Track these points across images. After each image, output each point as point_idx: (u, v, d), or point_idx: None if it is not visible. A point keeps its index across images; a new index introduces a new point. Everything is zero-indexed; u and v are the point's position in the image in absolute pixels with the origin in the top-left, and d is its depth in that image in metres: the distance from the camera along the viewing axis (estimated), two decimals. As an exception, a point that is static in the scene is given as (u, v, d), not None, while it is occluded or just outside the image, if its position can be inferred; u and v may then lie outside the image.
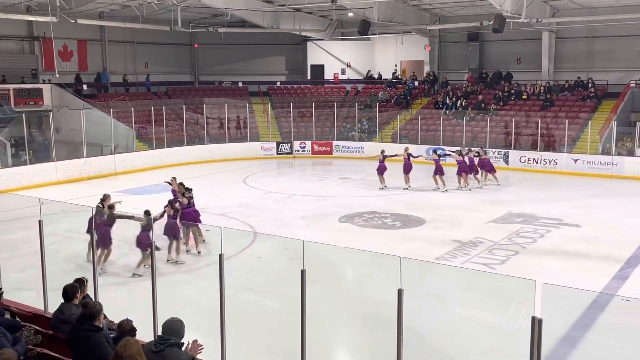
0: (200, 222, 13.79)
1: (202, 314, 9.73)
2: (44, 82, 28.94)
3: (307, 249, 6.42)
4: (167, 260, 12.93)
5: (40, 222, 8.35)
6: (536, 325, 4.98)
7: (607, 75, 29.56)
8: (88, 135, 25.53)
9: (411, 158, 21.90)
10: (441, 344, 9.37)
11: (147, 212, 12.16)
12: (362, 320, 10.27)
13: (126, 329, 5.94)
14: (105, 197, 13.68)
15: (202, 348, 5.67)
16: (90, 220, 10.68)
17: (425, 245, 14.75)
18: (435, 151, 22.50)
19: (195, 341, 5.65)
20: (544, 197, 20.48)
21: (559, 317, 8.70)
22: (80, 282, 6.83)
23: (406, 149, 22.45)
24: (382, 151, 22.35)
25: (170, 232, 13.07)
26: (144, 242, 11.85)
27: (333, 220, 17.10)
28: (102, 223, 12.24)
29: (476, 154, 21.90)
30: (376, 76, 36.66)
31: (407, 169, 21.84)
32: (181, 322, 5.58)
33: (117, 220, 12.34)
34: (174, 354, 5.37)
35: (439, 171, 21.19)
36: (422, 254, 13.70)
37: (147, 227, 11.73)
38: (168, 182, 16.50)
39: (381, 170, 21.99)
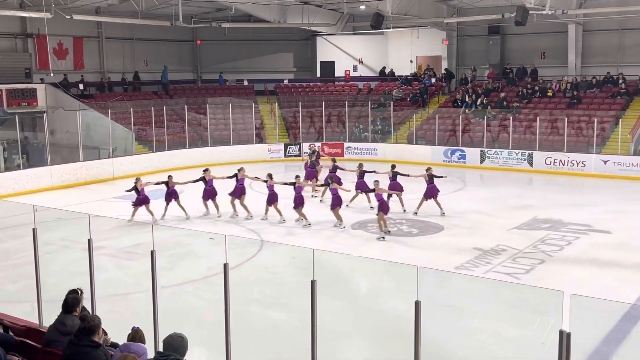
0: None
1: (206, 328, 9.74)
2: (40, 80, 29.13)
3: (317, 258, 6.42)
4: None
5: (34, 230, 8.40)
6: (564, 339, 4.94)
7: (639, 71, 29.37)
8: (84, 137, 25.67)
9: (434, 179, 18.48)
10: (462, 360, 9.32)
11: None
12: (377, 335, 10.23)
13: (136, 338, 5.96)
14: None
15: None
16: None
17: (444, 254, 14.70)
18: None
19: None
20: (571, 202, 20.36)
21: (589, 331, 8.63)
22: (75, 294, 6.85)
23: (428, 170, 18.76)
24: (360, 165, 20.20)
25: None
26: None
27: (345, 228, 17.05)
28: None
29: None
30: (391, 73, 36.61)
31: (430, 193, 18.43)
32: (183, 337, 5.58)
33: None
34: (174, 372, 5.37)
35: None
36: (440, 263, 13.66)
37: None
38: (130, 190, 18.00)
39: (361, 186, 19.25)
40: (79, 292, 6.92)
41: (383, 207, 16.26)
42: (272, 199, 17.78)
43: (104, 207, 19.96)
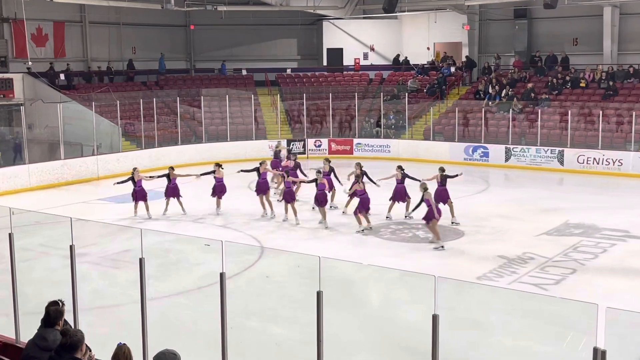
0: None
1: (200, 344, 9.76)
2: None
3: (324, 267, 6.42)
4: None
5: (10, 235, 8.43)
6: (599, 357, 4.93)
7: (683, 58, 29.30)
8: (66, 133, 25.74)
9: (447, 181, 17.98)
10: (484, 380, 9.31)
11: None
12: (389, 352, 10.24)
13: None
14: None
15: None
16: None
17: (465, 262, 14.69)
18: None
19: None
20: (606, 204, 20.29)
21: (626, 348, 8.59)
22: (57, 306, 6.87)
23: (441, 170, 18.22)
24: (327, 159, 20.48)
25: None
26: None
27: (354, 233, 17.07)
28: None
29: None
30: (405, 61, 36.58)
31: (439, 197, 17.63)
32: (175, 354, 5.59)
33: None
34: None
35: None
36: (460, 272, 13.65)
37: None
38: (121, 182, 19.10)
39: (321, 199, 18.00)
40: (60, 303, 6.93)
41: (363, 203, 17.16)
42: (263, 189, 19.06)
43: (88, 209, 20.00)
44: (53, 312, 6.59)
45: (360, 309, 11.92)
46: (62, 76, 30.72)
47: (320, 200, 17.79)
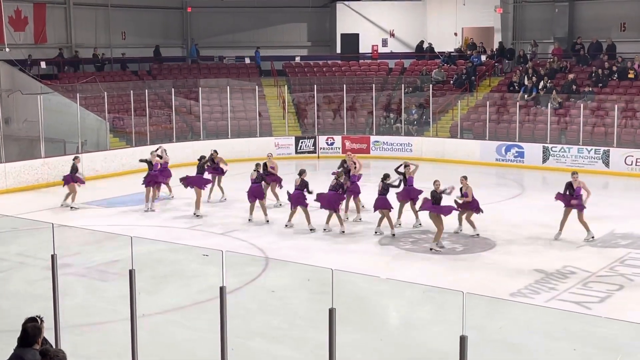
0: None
1: (196, 367, 9.79)
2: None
3: (337, 281, 6.43)
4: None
5: (-15, 243, 8.49)
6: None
7: None
8: (47, 128, 25.84)
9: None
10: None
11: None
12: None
13: None
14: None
15: None
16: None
17: (496, 277, 14.65)
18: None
19: None
20: (658, 212, 20.22)
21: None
22: (35, 322, 6.89)
23: (385, 177, 18.08)
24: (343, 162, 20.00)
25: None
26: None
27: (371, 242, 17.08)
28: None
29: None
30: (429, 49, 36.58)
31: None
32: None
33: None
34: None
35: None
36: (491, 288, 13.62)
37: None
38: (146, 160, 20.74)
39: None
40: (39, 320, 6.96)
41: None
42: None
43: (71, 215, 20.10)
44: (31, 330, 6.61)
45: (377, 329, 11.91)
46: (42, 64, 30.84)
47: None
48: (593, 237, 16.94)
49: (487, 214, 18.61)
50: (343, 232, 17.72)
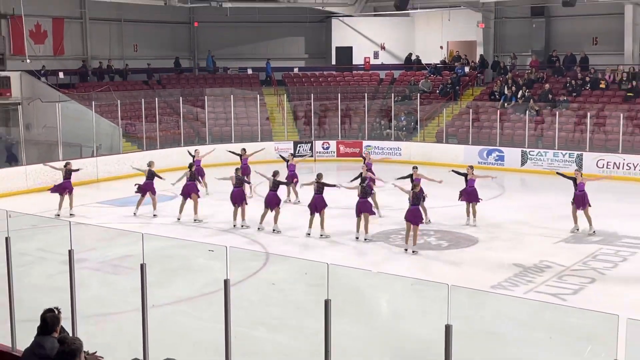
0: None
1: (203, 354, 9.78)
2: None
3: (332, 274, 6.42)
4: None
5: (7, 239, 8.46)
6: (619, 371, 4.91)
7: None
8: (65, 133, 25.83)
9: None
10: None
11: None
12: (400, 363, 10.22)
13: None
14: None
15: None
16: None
17: (479, 271, 14.67)
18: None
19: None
20: (627, 211, 20.21)
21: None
22: (53, 313, 6.88)
23: (318, 176, 17.94)
24: (319, 176, 17.95)
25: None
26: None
27: (363, 239, 17.02)
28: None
29: None
30: (417, 61, 36.56)
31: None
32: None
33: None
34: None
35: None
36: (474, 281, 13.63)
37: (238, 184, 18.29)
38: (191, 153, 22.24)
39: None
40: (57, 311, 6.95)
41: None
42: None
43: (87, 213, 20.07)
44: (50, 319, 6.60)
45: (369, 318, 11.92)
46: (61, 74, 30.84)
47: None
48: (594, 232, 17.24)
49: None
50: (322, 235, 17.14)
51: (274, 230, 17.61)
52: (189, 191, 18.97)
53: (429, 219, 18.27)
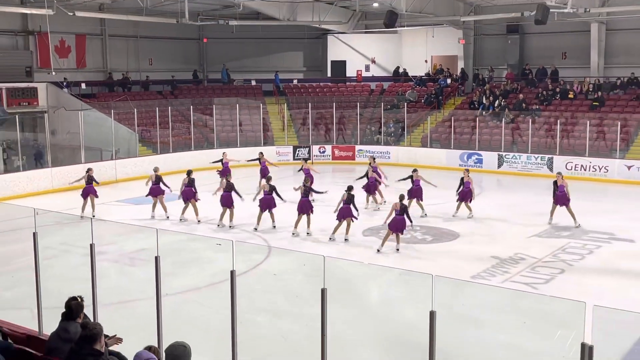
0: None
1: (211, 338, 9.77)
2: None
3: (328, 266, 6.42)
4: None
5: (34, 234, 8.45)
6: (586, 352, 4.92)
7: (665, 72, 29.24)
8: (86, 138, 25.81)
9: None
10: (478, 373, 9.29)
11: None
12: (389, 345, 10.22)
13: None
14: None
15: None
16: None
17: (460, 262, 14.67)
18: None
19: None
20: (593, 209, 20.25)
21: (612, 344, 8.57)
22: (77, 300, 6.88)
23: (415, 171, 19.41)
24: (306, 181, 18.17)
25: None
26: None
27: (356, 234, 17.02)
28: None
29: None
30: (404, 73, 36.58)
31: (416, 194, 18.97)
32: (186, 346, 5.60)
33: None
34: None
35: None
36: (456, 271, 13.63)
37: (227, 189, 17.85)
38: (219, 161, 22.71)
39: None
40: (80, 299, 6.95)
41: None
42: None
43: (106, 210, 20.04)
44: (74, 306, 6.62)
45: (362, 305, 11.91)
46: (83, 85, 30.87)
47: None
48: (579, 225, 17.47)
49: (452, 210, 18.67)
50: (309, 233, 16.91)
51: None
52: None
53: (425, 213, 18.87)
